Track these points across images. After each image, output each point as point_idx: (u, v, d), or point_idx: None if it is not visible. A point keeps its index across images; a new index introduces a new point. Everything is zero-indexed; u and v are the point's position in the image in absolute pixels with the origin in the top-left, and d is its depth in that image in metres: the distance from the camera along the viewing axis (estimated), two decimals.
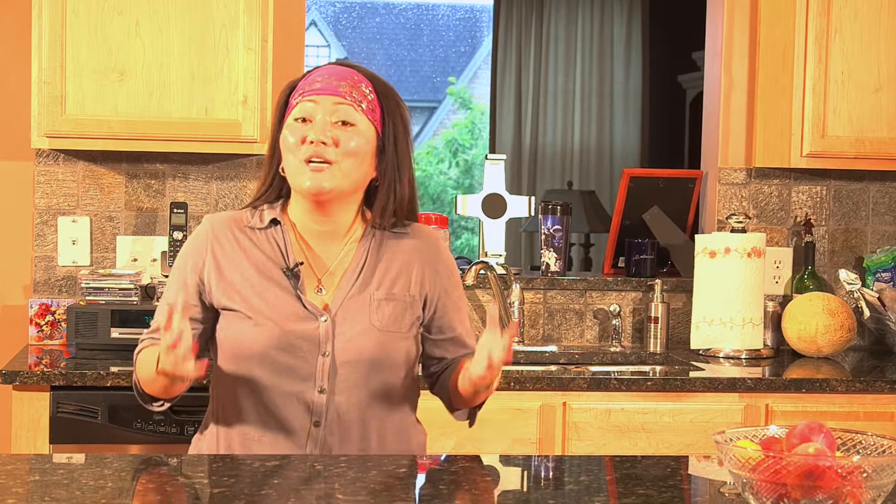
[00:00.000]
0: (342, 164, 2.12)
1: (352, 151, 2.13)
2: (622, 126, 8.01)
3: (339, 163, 2.12)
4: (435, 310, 2.24)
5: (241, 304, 2.14)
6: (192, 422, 2.90)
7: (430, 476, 2.03)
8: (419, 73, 12.25)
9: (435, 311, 2.24)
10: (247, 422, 2.16)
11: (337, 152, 2.12)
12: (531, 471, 2.14)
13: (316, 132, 2.11)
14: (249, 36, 3.25)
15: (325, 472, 1.95)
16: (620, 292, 3.76)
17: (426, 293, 2.22)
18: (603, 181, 7.94)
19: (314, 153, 2.11)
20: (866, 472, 1.60)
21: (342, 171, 2.13)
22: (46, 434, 2.98)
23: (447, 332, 2.27)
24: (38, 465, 1.98)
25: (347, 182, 2.14)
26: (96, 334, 3.24)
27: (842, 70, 3.50)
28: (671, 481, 1.97)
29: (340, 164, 2.12)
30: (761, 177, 3.82)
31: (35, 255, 3.56)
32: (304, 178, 2.12)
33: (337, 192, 2.14)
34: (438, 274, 2.24)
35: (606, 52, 8.00)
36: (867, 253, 3.86)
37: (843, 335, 3.51)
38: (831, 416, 3.14)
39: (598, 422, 3.11)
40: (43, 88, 3.21)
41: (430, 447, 2.37)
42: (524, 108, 8.01)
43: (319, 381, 2.13)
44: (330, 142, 2.11)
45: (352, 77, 2.17)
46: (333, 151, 2.11)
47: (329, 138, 2.11)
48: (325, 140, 2.11)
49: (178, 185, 3.59)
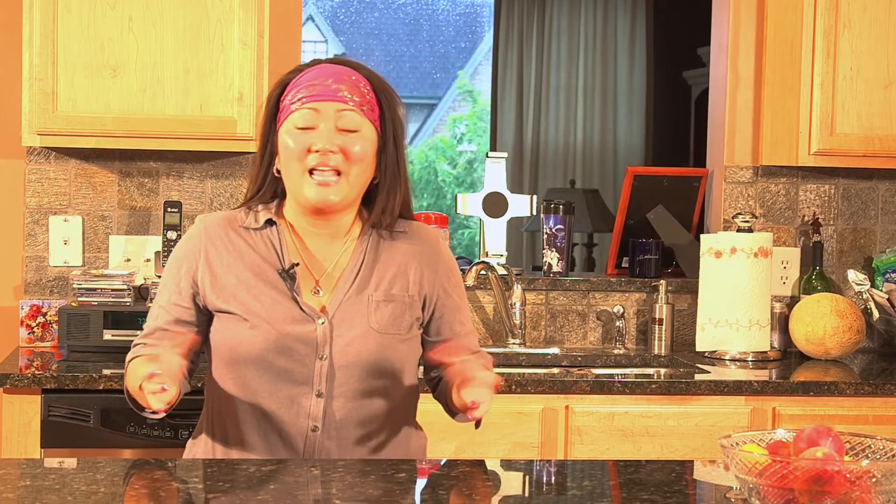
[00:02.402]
0: (349, 174, 2.12)
1: (358, 157, 2.12)
2: (626, 123, 8.01)
3: (347, 173, 2.12)
4: (434, 310, 2.24)
5: (236, 306, 2.14)
6: (187, 426, 2.90)
7: (430, 481, 2.03)
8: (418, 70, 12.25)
9: (434, 312, 2.24)
10: (242, 426, 2.15)
11: (343, 160, 2.11)
12: (533, 476, 2.14)
13: (322, 141, 2.10)
14: (245, 31, 3.25)
15: (322, 476, 1.95)
16: (624, 293, 3.76)
17: (425, 293, 2.22)
18: (606, 180, 7.94)
19: (320, 162, 2.10)
20: (875, 476, 1.61)
21: (349, 182, 2.12)
22: (37, 438, 2.98)
23: (445, 333, 2.26)
24: (29, 470, 1.98)
25: (354, 191, 2.15)
26: (88, 336, 3.24)
27: (850, 66, 3.50)
28: (676, 486, 1.97)
29: (348, 174, 2.12)
30: (768, 175, 3.82)
31: (26, 255, 3.56)
32: (310, 190, 2.11)
33: (343, 205, 2.15)
34: (438, 274, 2.24)
35: (610, 48, 8.00)
36: (876, 253, 3.86)
37: (852, 337, 3.51)
38: (840, 420, 3.14)
39: (601, 425, 3.11)
40: (34, 85, 3.21)
41: (431, 451, 2.37)
42: (526, 105, 8.01)
43: (317, 384, 2.13)
44: (336, 150, 2.10)
45: (350, 78, 2.15)
46: (340, 159, 2.11)
47: (335, 146, 2.10)
48: (331, 149, 2.10)
49: (173, 184, 3.59)
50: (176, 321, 2.16)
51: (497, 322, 3.69)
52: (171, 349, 2.06)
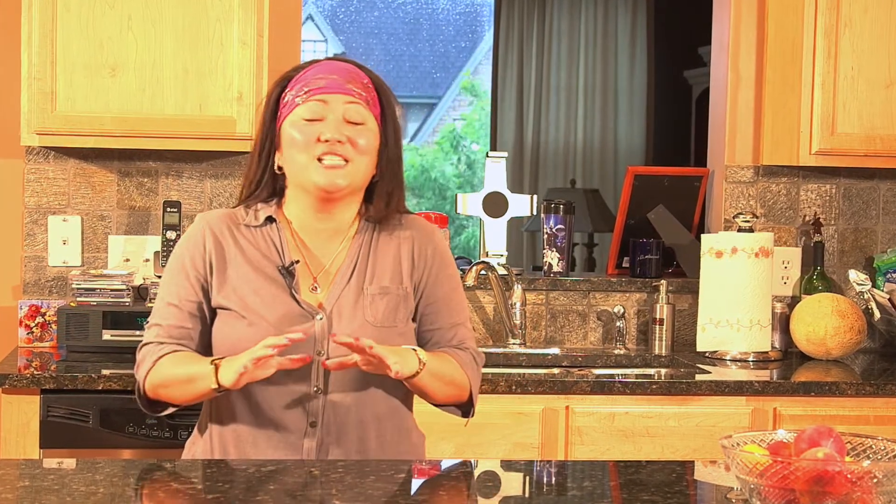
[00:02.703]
0: (357, 162, 2.16)
1: (364, 149, 2.16)
2: (626, 123, 8.01)
3: (355, 160, 2.15)
4: (421, 299, 2.24)
5: (235, 302, 2.15)
6: (186, 426, 2.90)
7: (430, 482, 2.03)
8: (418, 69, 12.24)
9: (421, 300, 2.24)
10: (242, 424, 2.16)
11: (351, 149, 2.14)
12: (533, 476, 2.14)
13: (331, 130, 2.14)
14: (244, 30, 3.25)
15: (322, 477, 1.95)
16: (624, 293, 3.76)
17: (415, 282, 2.23)
18: (607, 179, 7.94)
19: (328, 150, 2.13)
20: (876, 477, 1.61)
21: (356, 169, 2.16)
22: (36, 438, 2.98)
23: (433, 323, 2.25)
24: (28, 471, 1.98)
25: (360, 180, 2.18)
26: (87, 336, 3.24)
27: (852, 65, 3.50)
28: (676, 487, 1.97)
29: (356, 162, 2.15)
30: (769, 175, 3.82)
31: (25, 255, 3.56)
32: (318, 174, 2.14)
33: (349, 190, 2.17)
34: (427, 263, 2.24)
35: (610, 47, 8.00)
36: (877, 253, 3.86)
37: (853, 337, 3.51)
38: (841, 420, 3.14)
39: (601, 426, 3.11)
40: (33, 84, 3.21)
41: (430, 452, 2.37)
42: (526, 105, 8.01)
43: (315, 380, 2.13)
44: (345, 140, 2.14)
45: (355, 73, 2.20)
46: (348, 149, 2.14)
47: (344, 136, 2.14)
48: (340, 139, 2.14)
49: (172, 184, 3.59)
50: (190, 316, 2.18)
51: (497, 322, 3.69)
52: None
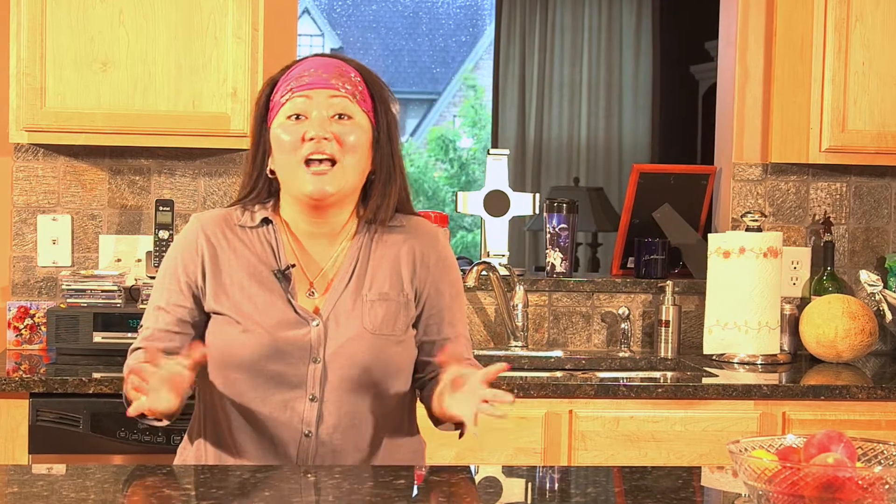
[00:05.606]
0: (344, 163, 2.12)
1: (352, 146, 2.12)
2: (631, 119, 8.01)
3: (342, 161, 2.11)
4: (423, 308, 2.22)
5: (229, 307, 2.14)
6: (179, 431, 2.89)
7: (430, 488, 2.03)
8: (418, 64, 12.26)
9: (423, 310, 2.22)
10: (234, 430, 2.15)
11: (338, 148, 2.11)
12: (535, 482, 2.14)
13: (315, 128, 2.11)
14: (239, 24, 3.25)
15: (318, 483, 1.95)
16: (629, 294, 3.76)
17: (416, 289, 2.21)
18: (611, 177, 7.94)
19: (315, 150, 2.10)
20: (888, 483, 1.61)
21: (344, 172, 2.12)
22: (25, 443, 2.98)
23: (432, 334, 2.23)
24: (17, 477, 1.98)
25: (350, 182, 2.14)
26: (78, 338, 3.24)
27: (863, 60, 3.50)
28: (683, 493, 1.97)
29: (343, 163, 2.12)
30: (778, 173, 3.82)
31: (13, 255, 3.56)
32: (305, 182, 2.11)
33: (340, 196, 2.14)
34: (430, 270, 2.22)
35: (615, 42, 8.00)
36: (889, 253, 3.86)
37: (864, 339, 3.51)
38: (851, 425, 3.15)
39: (605, 430, 3.11)
40: (22, 80, 3.21)
41: (430, 457, 2.37)
42: (528, 101, 8.01)
43: (311, 388, 2.13)
44: (331, 137, 2.11)
45: (340, 68, 2.17)
46: (335, 147, 2.11)
47: (329, 133, 2.11)
48: (325, 136, 2.10)
49: (164, 182, 3.59)
50: (179, 321, 2.16)
51: (499, 324, 3.69)
52: (179, 361, 2.05)
